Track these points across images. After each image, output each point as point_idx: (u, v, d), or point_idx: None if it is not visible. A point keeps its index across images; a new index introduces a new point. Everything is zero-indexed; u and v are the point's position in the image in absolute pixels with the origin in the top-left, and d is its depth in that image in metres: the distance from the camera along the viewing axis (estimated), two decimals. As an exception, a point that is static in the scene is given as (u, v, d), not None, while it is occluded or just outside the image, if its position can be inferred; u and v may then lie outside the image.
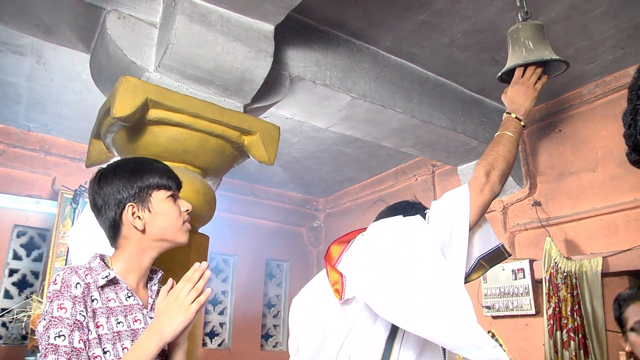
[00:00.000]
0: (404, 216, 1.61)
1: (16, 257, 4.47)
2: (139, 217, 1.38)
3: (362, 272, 1.43)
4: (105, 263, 1.36)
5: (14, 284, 4.39)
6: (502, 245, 1.62)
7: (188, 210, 1.47)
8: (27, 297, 4.22)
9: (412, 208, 1.75)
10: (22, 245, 4.51)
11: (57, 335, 1.15)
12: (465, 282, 1.56)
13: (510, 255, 1.67)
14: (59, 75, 3.55)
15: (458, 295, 1.30)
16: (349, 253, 1.54)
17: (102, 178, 1.41)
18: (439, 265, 1.35)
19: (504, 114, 1.78)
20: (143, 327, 1.33)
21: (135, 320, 1.33)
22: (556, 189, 3.69)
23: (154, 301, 1.41)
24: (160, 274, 1.50)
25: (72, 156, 4.59)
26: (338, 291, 1.45)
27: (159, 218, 1.39)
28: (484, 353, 1.22)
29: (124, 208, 1.37)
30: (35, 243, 4.57)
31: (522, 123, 1.73)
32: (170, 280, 1.34)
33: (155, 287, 1.46)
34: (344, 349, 1.42)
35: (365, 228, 1.56)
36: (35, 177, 4.45)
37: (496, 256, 1.61)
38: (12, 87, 3.75)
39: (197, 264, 1.31)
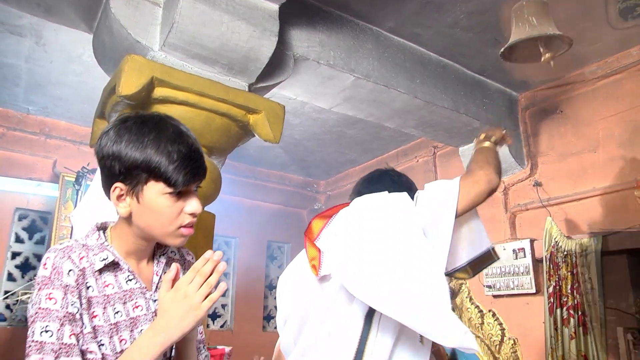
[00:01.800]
0: (378, 186, 1.59)
1: (18, 240, 4.49)
2: (125, 202, 1.13)
3: (340, 248, 1.39)
4: (105, 238, 1.17)
5: (16, 266, 4.41)
6: (493, 248, 1.60)
7: (194, 213, 1.15)
8: (30, 280, 4.25)
9: (386, 176, 1.73)
10: (24, 229, 4.53)
11: (44, 330, 1.00)
12: (449, 275, 1.53)
13: (499, 258, 1.66)
14: (59, 57, 3.53)
15: (433, 281, 1.28)
16: (329, 228, 1.50)
17: (104, 136, 1.13)
18: (419, 248, 1.32)
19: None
20: (144, 314, 1.18)
21: (136, 307, 1.17)
22: (557, 170, 3.71)
23: (159, 279, 1.22)
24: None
25: (72, 139, 4.58)
26: (315, 267, 1.42)
27: (148, 214, 1.12)
28: (454, 339, 1.21)
29: (112, 185, 1.12)
30: (37, 226, 4.58)
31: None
32: (173, 265, 1.13)
33: (163, 259, 1.26)
34: (324, 326, 1.40)
35: (349, 203, 1.52)
36: (35, 160, 4.44)
37: (485, 260, 1.59)
38: (11, 69, 3.73)
39: (208, 253, 1.09)
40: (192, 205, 1.15)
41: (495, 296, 3.82)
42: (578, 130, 3.63)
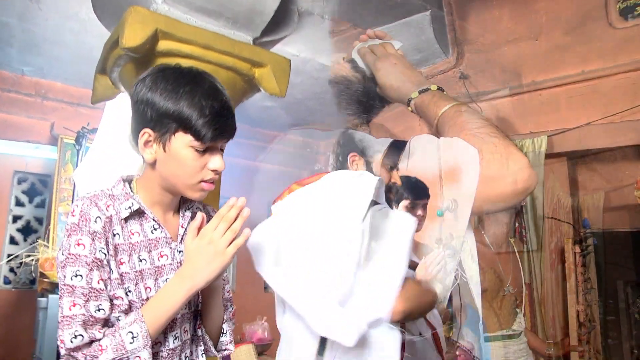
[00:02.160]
0: (338, 150, 1.56)
1: (19, 203, 4.47)
2: (152, 148, 1.14)
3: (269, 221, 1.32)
4: (130, 188, 1.20)
5: (18, 230, 4.41)
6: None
7: (216, 170, 1.18)
8: (33, 243, 4.25)
9: (344, 138, 1.64)
10: (23, 192, 4.50)
11: (74, 274, 1.04)
12: None
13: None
14: (55, 15, 3.40)
15: (331, 273, 1.16)
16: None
17: (140, 82, 1.15)
18: (340, 240, 1.18)
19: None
20: (169, 264, 1.20)
21: (161, 256, 1.19)
22: (489, 60, 3.16)
23: (184, 231, 1.24)
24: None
25: (69, 101, 4.48)
26: None
27: (173, 163, 1.13)
28: (330, 332, 1.13)
29: (141, 131, 1.14)
30: (37, 189, 4.55)
31: None
32: (199, 214, 1.15)
33: (188, 213, 1.28)
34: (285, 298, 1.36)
35: (327, 172, 1.42)
36: (32, 123, 4.36)
37: None
38: (3, 28, 3.60)
39: (232, 199, 1.12)
40: (216, 162, 1.17)
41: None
42: (517, 13, 3.01)
